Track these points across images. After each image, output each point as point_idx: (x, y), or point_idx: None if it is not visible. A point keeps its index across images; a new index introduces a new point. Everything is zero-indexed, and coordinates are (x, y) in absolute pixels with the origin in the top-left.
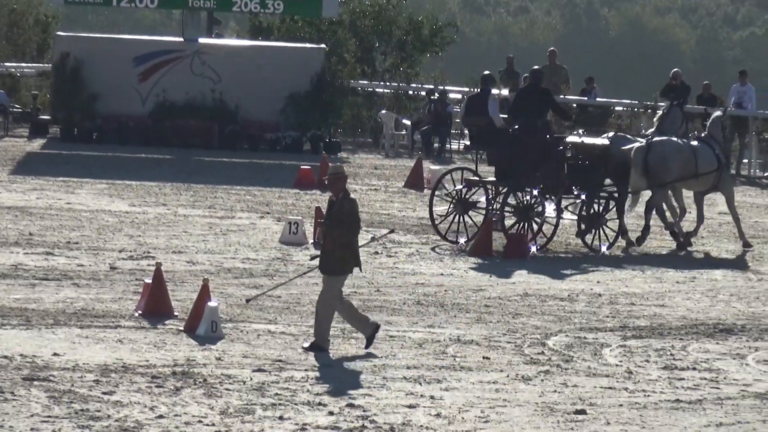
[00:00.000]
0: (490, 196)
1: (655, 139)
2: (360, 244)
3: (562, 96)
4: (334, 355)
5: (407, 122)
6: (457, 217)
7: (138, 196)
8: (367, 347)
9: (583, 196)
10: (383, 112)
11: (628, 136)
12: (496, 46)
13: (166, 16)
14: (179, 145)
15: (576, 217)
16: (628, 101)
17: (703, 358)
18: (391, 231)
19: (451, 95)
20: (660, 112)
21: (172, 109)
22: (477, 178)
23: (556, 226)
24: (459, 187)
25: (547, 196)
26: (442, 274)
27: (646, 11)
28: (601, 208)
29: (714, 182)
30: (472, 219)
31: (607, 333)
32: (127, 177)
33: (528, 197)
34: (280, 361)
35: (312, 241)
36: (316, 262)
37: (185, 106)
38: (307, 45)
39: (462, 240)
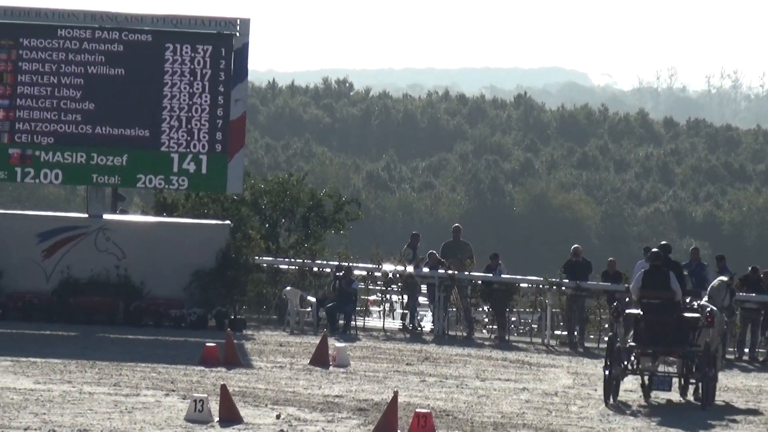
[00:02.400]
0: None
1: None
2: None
3: (466, 272)
4: None
5: (312, 299)
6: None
7: (43, 373)
8: None
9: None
10: (288, 288)
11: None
12: (401, 222)
13: (71, 192)
14: (84, 321)
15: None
16: (534, 278)
17: None
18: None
19: (356, 272)
20: (717, 283)
21: (76, 286)
22: (634, 344)
23: (714, 386)
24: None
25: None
26: None
27: (550, 187)
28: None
29: None
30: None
31: None
32: (32, 354)
33: (697, 361)
34: None
35: (217, 419)
36: None
37: (90, 283)
38: (212, 221)
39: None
